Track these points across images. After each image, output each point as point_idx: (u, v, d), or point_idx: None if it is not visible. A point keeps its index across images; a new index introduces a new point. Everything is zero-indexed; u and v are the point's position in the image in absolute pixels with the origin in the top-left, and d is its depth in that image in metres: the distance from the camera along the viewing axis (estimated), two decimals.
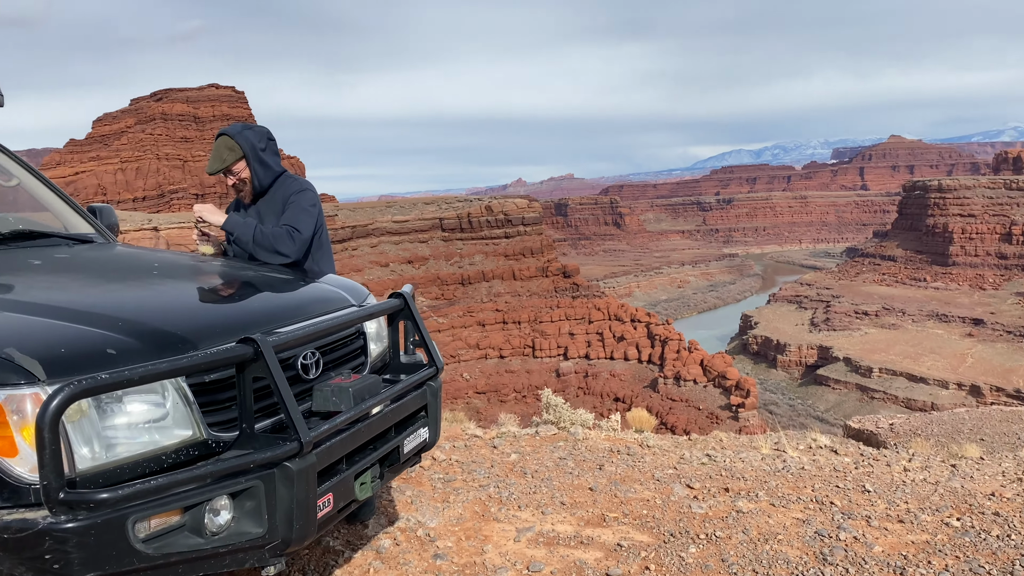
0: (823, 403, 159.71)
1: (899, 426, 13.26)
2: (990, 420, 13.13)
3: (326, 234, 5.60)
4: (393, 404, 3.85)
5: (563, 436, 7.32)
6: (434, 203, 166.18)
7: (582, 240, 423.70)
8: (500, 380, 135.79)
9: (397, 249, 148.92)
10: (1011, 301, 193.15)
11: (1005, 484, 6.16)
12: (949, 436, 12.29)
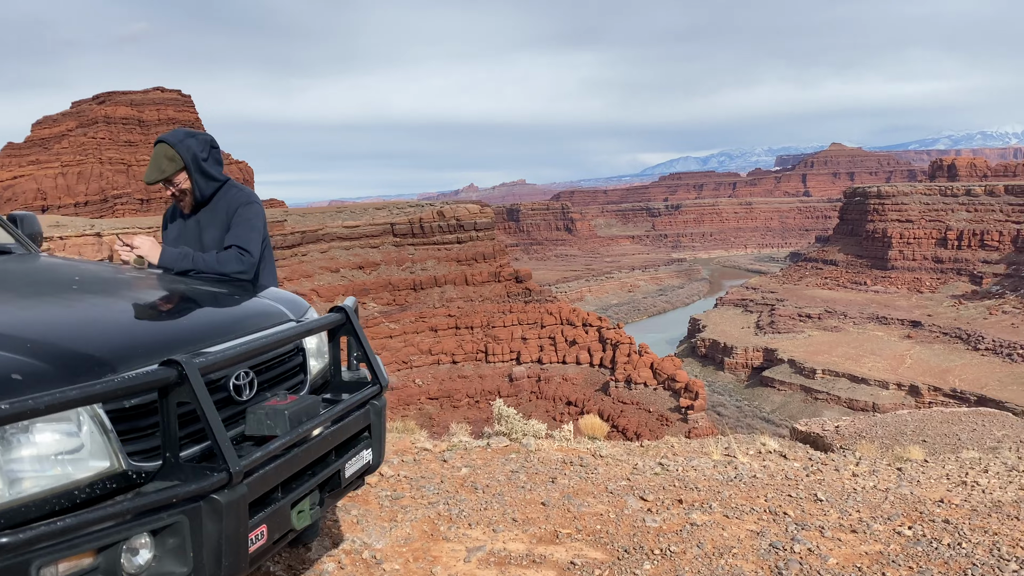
0: (769, 404, 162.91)
1: (844, 428, 13.48)
2: (931, 421, 13.42)
3: (269, 246, 5.35)
4: (334, 425, 3.59)
5: (515, 448, 7.16)
6: (385, 208, 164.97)
7: (534, 245, 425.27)
8: (453, 386, 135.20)
9: (348, 255, 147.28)
10: (947, 304, 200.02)
11: (951, 488, 6.23)
12: (893, 438, 12.56)
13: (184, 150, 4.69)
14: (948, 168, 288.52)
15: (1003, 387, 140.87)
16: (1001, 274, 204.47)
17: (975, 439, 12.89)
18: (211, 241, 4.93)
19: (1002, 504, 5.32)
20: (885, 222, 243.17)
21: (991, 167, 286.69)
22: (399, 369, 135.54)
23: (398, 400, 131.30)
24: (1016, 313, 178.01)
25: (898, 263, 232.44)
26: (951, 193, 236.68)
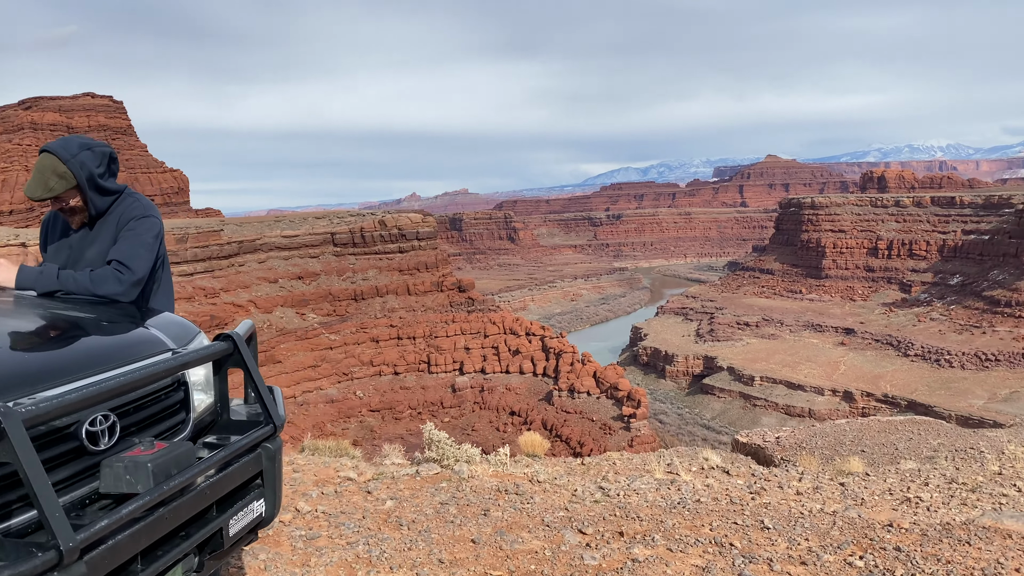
0: (709, 411, 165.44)
1: (785, 439, 13.55)
2: (869, 431, 13.60)
3: (167, 266, 4.65)
4: (217, 474, 3.01)
5: (446, 476, 6.67)
6: (325, 217, 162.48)
7: (477, 254, 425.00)
8: (395, 397, 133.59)
9: (287, 265, 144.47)
10: (878, 311, 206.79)
11: (897, 507, 6.06)
12: (832, 448, 12.62)
13: (77, 167, 3.96)
14: (878, 180, 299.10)
15: (931, 392, 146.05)
16: (928, 282, 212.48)
17: (912, 448, 13.08)
18: (94, 257, 4.21)
19: (951, 527, 5.13)
20: (819, 232, 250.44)
21: (918, 179, 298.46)
22: (339, 381, 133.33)
23: (338, 413, 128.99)
24: (943, 320, 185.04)
25: (832, 272, 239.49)
26: (881, 204, 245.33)
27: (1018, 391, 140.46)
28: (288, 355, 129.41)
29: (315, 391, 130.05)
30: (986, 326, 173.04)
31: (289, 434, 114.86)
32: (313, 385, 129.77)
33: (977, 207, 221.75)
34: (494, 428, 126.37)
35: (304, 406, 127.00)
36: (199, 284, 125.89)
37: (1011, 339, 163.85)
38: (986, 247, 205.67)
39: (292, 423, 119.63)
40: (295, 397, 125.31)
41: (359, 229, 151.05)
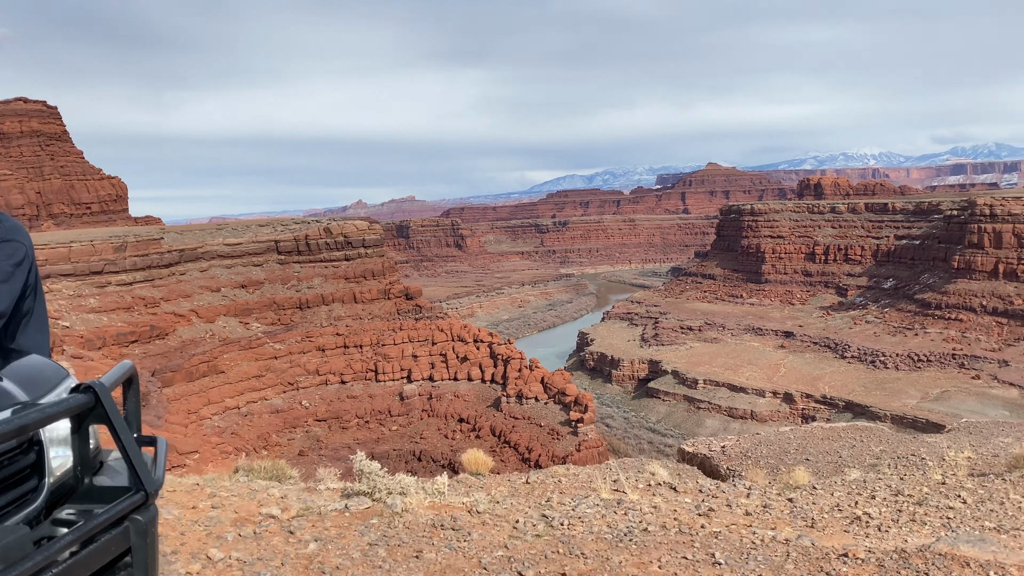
0: (655, 415, 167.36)
1: (730, 449, 13.51)
2: (812, 438, 13.68)
3: (40, 299, 3.94)
4: (71, 559, 2.40)
5: (378, 510, 6.13)
6: (269, 225, 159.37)
7: (424, 262, 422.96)
8: (342, 406, 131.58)
9: (229, 273, 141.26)
10: (816, 315, 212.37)
11: (848, 528, 5.89)
12: (778, 457, 12.61)
13: None
14: (815, 187, 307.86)
15: (867, 392, 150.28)
16: (864, 286, 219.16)
17: (855, 456, 13.16)
18: None
19: (908, 555, 4.94)
20: (759, 238, 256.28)
21: (853, 186, 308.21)
22: (285, 391, 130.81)
23: (284, 423, 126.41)
24: (877, 323, 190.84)
25: (771, 277, 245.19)
26: (818, 211, 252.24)
27: (948, 391, 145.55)
28: (232, 365, 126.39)
29: (260, 401, 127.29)
30: (918, 328, 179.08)
31: (233, 446, 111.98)
32: (258, 395, 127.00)
33: (908, 213, 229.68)
34: (443, 436, 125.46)
35: (249, 417, 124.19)
36: (138, 294, 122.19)
37: (941, 340, 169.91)
38: (917, 252, 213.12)
39: (236, 435, 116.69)
40: (239, 408, 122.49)
41: (304, 237, 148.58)
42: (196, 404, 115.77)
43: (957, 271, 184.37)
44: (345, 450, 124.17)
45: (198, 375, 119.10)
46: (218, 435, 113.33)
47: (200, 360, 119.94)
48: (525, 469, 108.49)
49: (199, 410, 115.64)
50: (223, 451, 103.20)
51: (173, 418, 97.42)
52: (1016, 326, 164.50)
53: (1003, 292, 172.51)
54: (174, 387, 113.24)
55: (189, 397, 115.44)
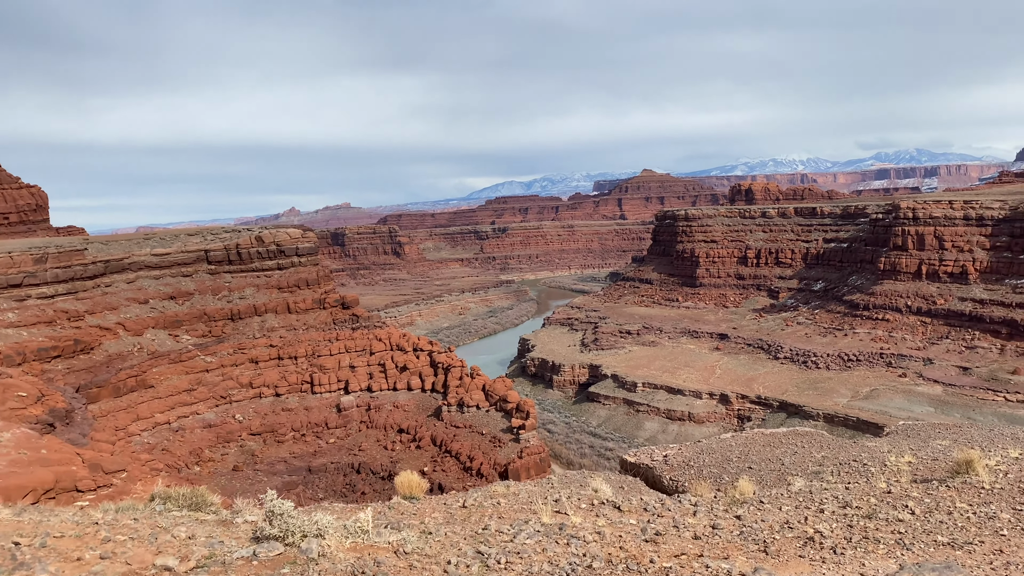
0: (595, 419, 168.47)
1: (673, 458, 13.29)
2: (754, 445, 13.59)
3: None
4: None
5: (290, 556, 5.35)
6: (199, 234, 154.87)
7: (361, 270, 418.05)
8: (277, 420, 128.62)
9: (158, 284, 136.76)
10: (749, 317, 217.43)
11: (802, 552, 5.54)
12: (720, 466, 12.44)
13: None
14: (746, 192, 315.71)
15: (800, 392, 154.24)
16: (794, 288, 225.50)
17: (797, 463, 13.10)
18: None
19: None
20: (693, 243, 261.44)
21: (782, 191, 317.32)
22: (217, 404, 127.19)
23: (216, 438, 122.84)
24: (808, 324, 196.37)
25: (705, 280, 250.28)
26: (749, 215, 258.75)
27: (877, 389, 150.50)
28: (161, 379, 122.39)
29: (191, 416, 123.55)
30: (847, 328, 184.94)
31: (164, 462, 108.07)
32: (189, 410, 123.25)
33: (836, 217, 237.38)
34: (382, 447, 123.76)
35: (180, 432, 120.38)
36: (61, 307, 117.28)
37: (869, 340, 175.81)
38: (845, 254, 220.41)
39: (167, 451, 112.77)
40: (170, 423, 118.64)
41: (235, 246, 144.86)
42: (124, 420, 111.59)
43: (883, 273, 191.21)
44: (281, 464, 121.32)
45: (126, 390, 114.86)
46: (148, 452, 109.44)
47: (128, 375, 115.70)
48: (466, 478, 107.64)
49: (127, 426, 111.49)
50: (153, 468, 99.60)
51: (99, 435, 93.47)
52: (939, 325, 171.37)
53: (926, 292, 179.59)
54: (100, 403, 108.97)
55: (116, 413, 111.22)
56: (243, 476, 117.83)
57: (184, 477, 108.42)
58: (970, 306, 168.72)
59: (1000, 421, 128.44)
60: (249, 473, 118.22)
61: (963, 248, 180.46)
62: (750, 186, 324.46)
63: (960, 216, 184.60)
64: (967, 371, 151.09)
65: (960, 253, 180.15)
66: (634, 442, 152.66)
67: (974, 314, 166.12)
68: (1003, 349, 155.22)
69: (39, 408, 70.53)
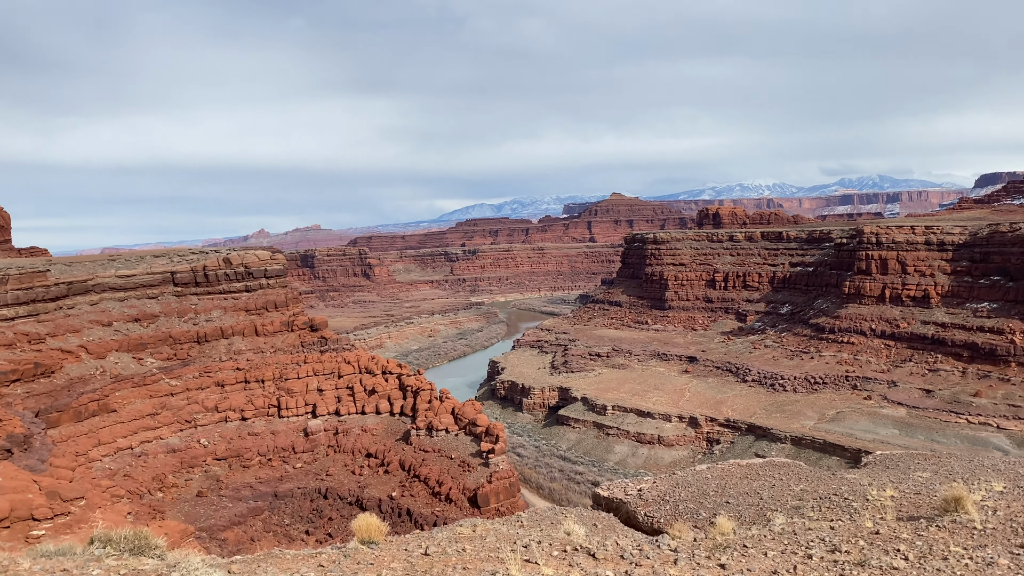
0: (565, 442, 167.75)
1: (647, 492, 12.78)
2: (731, 477, 13.14)
3: None
4: None
5: None
6: (165, 256, 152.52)
7: (331, 292, 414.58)
8: (243, 444, 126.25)
9: (122, 307, 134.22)
10: (718, 340, 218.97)
11: None
12: (697, 501, 11.97)
13: None
14: (713, 216, 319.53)
15: (768, 415, 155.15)
16: (762, 312, 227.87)
17: (776, 497, 12.69)
18: None
19: None
20: (662, 266, 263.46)
21: (749, 216, 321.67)
22: (182, 429, 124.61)
23: (180, 463, 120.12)
24: (775, 347, 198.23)
25: (674, 303, 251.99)
26: (717, 239, 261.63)
27: (843, 411, 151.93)
28: (124, 403, 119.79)
29: (155, 440, 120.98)
30: (813, 351, 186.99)
31: (126, 488, 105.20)
32: (152, 434, 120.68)
33: (802, 241, 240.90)
34: (350, 472, 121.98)
35: (143, 457, 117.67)
36: (21, 329, 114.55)
37: (835, 363, 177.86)
38: (811, 278, 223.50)
39: (129, 476, 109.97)
40: (132, 448, 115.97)
41: (202, 268, 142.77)
42: (85, 445, 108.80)
43: (848, 296, 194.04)
44: (247, 490, 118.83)
45: (87, 415, 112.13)
46: (109, 478, 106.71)
47: (89, 399, 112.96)
48: (435, 503, 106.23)
49: (88, 452, 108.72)
50: (114, 495, 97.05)
51: (59, 461, 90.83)
52: (902, 348, 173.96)
53: (890, 316, 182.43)
54: (60, 428, 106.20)
55: (77, 438, 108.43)
56: (207, 502, 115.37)
57: (147, 503, 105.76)
58: (932, 329, 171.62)
59: (963, 443, 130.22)
60: (214, 499, 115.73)
61: (925, 272, 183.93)
62: (717, 210, 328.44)
63: (922, 241, 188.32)
64: (930, 393, 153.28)
65: (922, 277, 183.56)
66: (604, 466, 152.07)
67: (936, 337, 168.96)
68: (964, 372, 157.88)
69: None
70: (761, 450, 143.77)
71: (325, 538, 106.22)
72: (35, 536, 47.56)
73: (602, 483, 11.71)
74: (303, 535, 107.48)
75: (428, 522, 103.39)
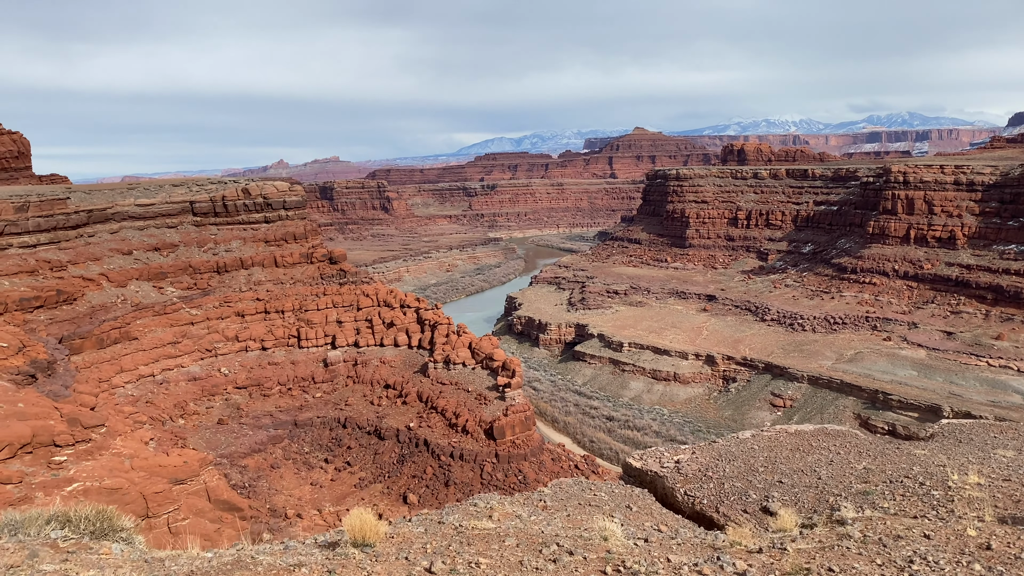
0: (581, 377, 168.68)
1: (686, 465, 11.24)
2: (781, 449, 11.73)
3: None
4: None
5: None
6: (184, 185, 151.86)
7: (350, 224, 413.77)
8: (263, 373, 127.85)
9: (142, 235, 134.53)
10: (738, 279, 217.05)
11: None
12: (745, 479, 10.66)
13: None
14: (738, 153, 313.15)
15: (786, 354, 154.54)
16: (783, 251, 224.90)
17: (837, 476, 11.24)
18: None
19: None
20: (683, 203, 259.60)
21: (774, 152, 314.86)
22: (203, 358, 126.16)
23: (202, 391, 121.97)
24: (796, 286, 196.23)
25: (695, 241, 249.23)
26: (741, 176, 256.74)
27: (862, 352, 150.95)
28: (145, 331, 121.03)
29: (176, 369, 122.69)
30: (834, 291, 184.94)
31: (148, 415, 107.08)
32: (174, 363, 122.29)
33: (827, 179, 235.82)
34: (368, 402, 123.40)
35: (164, 385, 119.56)
36: (43, 256, 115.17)
37: (856, 303, 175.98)
38: (835, 217, 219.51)
39: (151, 403, 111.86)
40: (154, 375, 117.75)
41: (221, 198, 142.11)
42: (108, 372, 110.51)
43: (872, 236, 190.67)
44: (267, 418, 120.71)
45: (109, 342, 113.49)
46: (132, 404, 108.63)
47: (111, 326, 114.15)
48: (452, 435, 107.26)
49: (111, 378, 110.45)
50: (136, 421, 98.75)
51: (82, 387, 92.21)
52: (925, 289, 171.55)
53: (914, 257, 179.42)
54: (83, 355, 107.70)
55: (100, 365, 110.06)
56: (228, 430, 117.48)
57: (168, 430, 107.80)
58: (956, 271, 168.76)
59: (983, 386, 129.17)
60: (234, 427, 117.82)
61: (952, 213, 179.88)
62: (742, 146, 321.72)
63: (951, 181, 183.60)
64: (951, 336, 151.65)
65: (949, 218, 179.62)
66: (619, 401, 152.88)
67: (960, 279, 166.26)
68: (987, 314, 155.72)
69: (20, 359, 69.13)
70: (777, 389, 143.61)
71: (343, 466, 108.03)
72: (57, 462, 48.21)
73: (634, 452, 10.76)
74: (322, 463, 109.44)
75: (445, 452, 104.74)
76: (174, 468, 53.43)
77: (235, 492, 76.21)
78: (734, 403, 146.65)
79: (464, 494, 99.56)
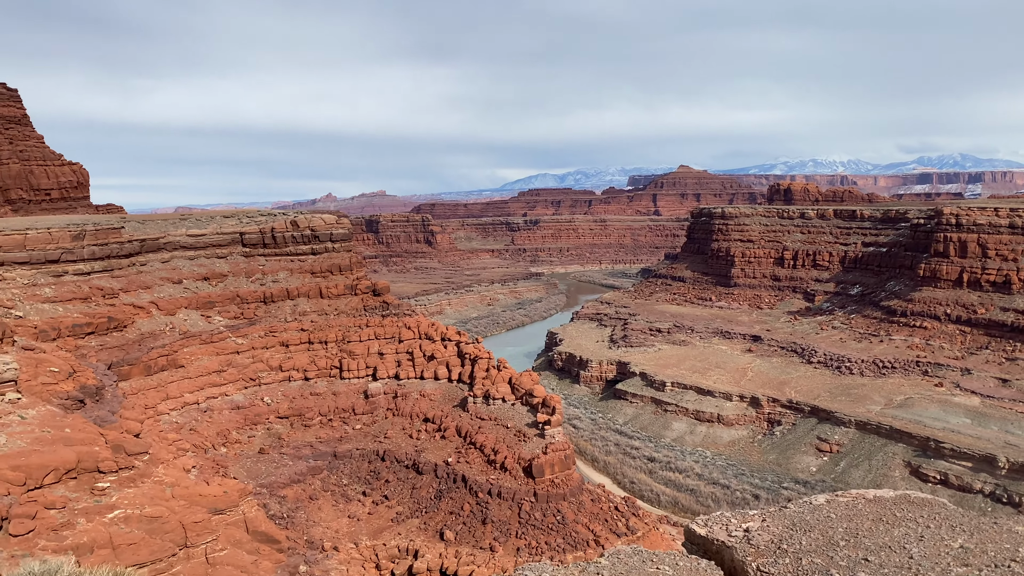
0: (622, 416, 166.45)
1: (757, 535, 10.24)
2: (862, 520, 10.64)
3: None
4: None
5: None
6: (235, 216, 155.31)
7: (394, 257, 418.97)
8: (305, 404, 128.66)
9: (192, 265, 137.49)
10: (784, 319, 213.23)
11: None
12: (825, 555, 9.53)
13: None
14: (785, 192, 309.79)
15: (833, 398, 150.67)
16: (831, 292, 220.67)
17: (931, 557, 9.90)
18: None
19: None
20: (728, 241, 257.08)
21: (822, 192, 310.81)
22: (246, 386, 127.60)
23: (244, 420, 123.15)
24: (843, 328, 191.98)
25: (740, 280, 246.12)
26: (787, 216, 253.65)
27: (912, 397, 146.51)
28: (192, 359, 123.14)
29: (220, 397, 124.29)
30: (883, 335, 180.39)
31: (192, 442, 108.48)
32: (218, 391, 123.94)
33: (876, 220, 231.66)
34: (407, 435, 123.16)
35: (208, 413, 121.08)
36: (96, 284, 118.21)
37: (906, 347, 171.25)
38: (884, 259, 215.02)
39: (195, 431, 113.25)
40: (198, 403, 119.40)
41: (270, 229, 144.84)
42: (154, 399, 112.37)
43: (922, 279, 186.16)
44: (307, 448, 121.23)
45: (156, 369, 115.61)
46: (176, 431, 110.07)
47: (159, 353, 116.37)
48: (490, 471, 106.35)
49: (157, 405, 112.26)
50: (180, 448, 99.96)
51: (129, 413, 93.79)
52: (979, 335, 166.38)
53: (967, 301, 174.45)
54: (131, 381, 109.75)
55: (147, 391, 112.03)
56: (269, 459, 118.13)
57: (211, 458, 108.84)
58: (1012, 316, 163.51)
59: None
60: (275, 456, 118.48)
61: (1007, 257, 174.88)
62: (789, 186, 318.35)
63: (1006, 224, 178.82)
64: (1007, 383, 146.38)
65: (1004, 262, 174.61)
66: (661, 442, 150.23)
67: (1016, 325, 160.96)
68: None
69: (70, 384, 70.58)
70: (824, 433, 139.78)
71: (381, 499, 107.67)
72: (100, 488, 48.71)
73: (697, 518, 10.18)
74: (360, 496, 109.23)
75: (483, 489, 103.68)
76: (214, 498, 53.75)
77: (273, 523, 76.38)
78: (779, 447, 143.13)
79: (502, 533, 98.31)
